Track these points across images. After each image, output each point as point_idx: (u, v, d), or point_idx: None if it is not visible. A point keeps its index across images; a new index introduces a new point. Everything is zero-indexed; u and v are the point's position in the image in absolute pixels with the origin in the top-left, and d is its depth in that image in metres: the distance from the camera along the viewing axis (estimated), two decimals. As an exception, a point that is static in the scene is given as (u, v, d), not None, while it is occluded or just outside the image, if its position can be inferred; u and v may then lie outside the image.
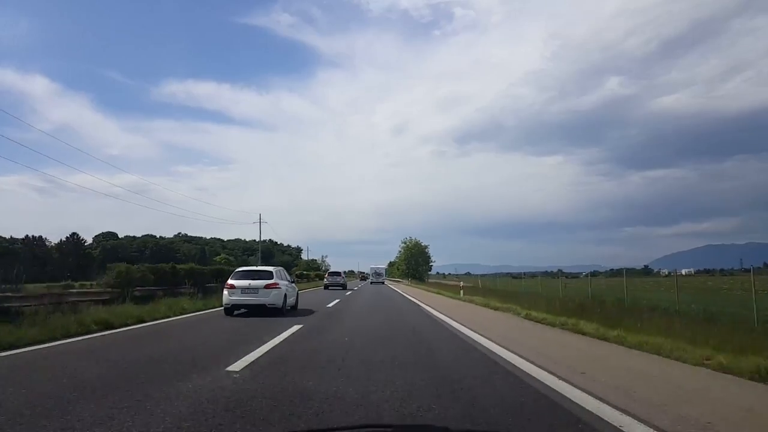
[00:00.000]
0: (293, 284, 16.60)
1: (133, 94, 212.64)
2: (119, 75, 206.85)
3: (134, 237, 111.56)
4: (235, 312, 13.45)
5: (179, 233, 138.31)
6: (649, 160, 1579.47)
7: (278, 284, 13.99)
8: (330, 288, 37.16)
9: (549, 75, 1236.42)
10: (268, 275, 14.13)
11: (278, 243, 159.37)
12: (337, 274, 41.37)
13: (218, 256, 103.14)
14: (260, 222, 67.69)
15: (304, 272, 69.80)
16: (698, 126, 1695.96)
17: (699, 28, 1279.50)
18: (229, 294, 13.46)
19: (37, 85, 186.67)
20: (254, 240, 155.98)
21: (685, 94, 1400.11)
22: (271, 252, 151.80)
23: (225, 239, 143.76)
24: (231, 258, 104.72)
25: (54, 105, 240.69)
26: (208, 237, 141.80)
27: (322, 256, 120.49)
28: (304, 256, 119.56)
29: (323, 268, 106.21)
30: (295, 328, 9.96)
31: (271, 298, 13.48)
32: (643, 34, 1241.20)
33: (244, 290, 13.46)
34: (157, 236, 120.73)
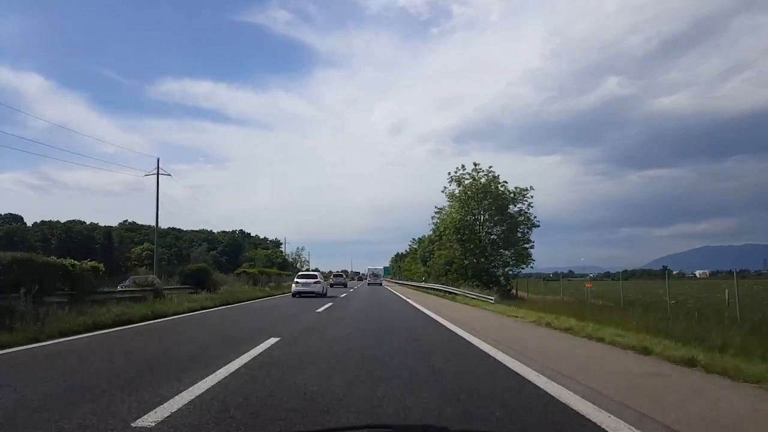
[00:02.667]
0: (324, 281, 29.81)
1: (128, 93, 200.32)
2: (115, 73, 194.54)
3: (42, 221, 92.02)
4: (296, 296, 25.36)
5: (125, 221, 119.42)
6: (647, 159, 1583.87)
7: (320, 281, 27.40)
8: (334, 286, 46.18)
9: (548, 74, 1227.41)
10: (315, 276, 27.87)
11: (251, 235, 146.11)
12: (340, 275, 55.09)
13: (140, 246, 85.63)
14: (158, 173, 36.99)
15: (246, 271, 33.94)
16: (697, 126, 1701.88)
17: (700, 26, 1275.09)
18: (295, 286, 26.20)
19: (31, 83, 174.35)
20: (223, 231, 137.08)
21: (685, 94, 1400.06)
22: (239, 245, 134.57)
23: (185, 229, 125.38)
24: (162, 249, 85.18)
25: (48, 103, 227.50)
26: (165, 227, 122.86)
27: (298, 248, 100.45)
28: (292, 251, 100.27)
29: (299, 265, 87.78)
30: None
31: (317, 288, 26.24)
32: (643, 32, 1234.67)
33: (303, 284, 26.11)
34: (87, 222, 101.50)
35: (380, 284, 60.78)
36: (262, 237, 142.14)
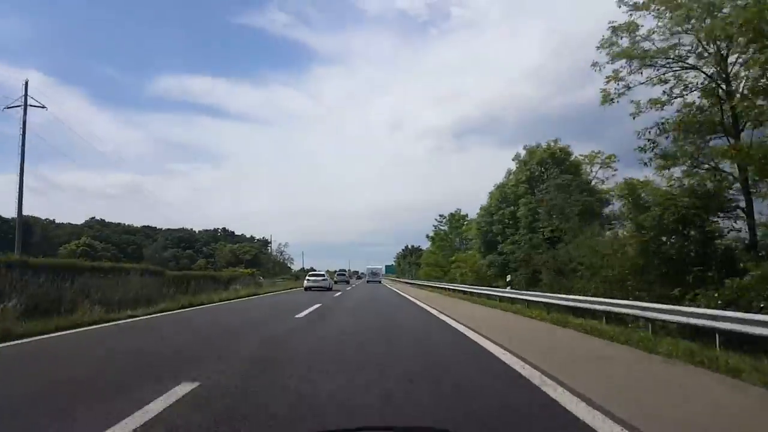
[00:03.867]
0: (329, 278, 39.79)
1: (128, 89, 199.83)
2: (114, 70, 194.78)
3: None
4: (308, 290, 33.38)
5: (92, 217, 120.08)
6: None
7: (326, 278, 36.86)
8: (338, 283, 52.35)
9: (548, 70, 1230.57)
10: (323, 275, 37.40)
11: (235, 233, 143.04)
12: (343, 273, 64.43)
13: (74, 242, 78.93)
14: (25, 105, 28.38)
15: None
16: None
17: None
18: (307, 282, 35.44)
19: (30, 80, 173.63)
20: (205, 230, 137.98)
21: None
22: (217, 240, 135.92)
23: (162, 227, 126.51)
24: (98, 243, 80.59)
25: (47, 100, 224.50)
26: (138, 225, 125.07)
27: (280, 245, 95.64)
28: (288, 251, 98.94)
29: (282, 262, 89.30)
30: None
31: (324, 284, 35.17)
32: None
33: (313, 280, 35.26)
34: (42, 217, 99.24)
35: (379, 281, 69.70)
36: (248, 236, 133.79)
